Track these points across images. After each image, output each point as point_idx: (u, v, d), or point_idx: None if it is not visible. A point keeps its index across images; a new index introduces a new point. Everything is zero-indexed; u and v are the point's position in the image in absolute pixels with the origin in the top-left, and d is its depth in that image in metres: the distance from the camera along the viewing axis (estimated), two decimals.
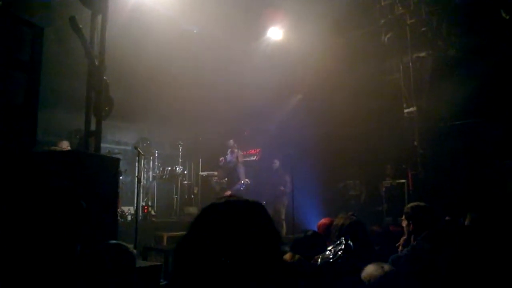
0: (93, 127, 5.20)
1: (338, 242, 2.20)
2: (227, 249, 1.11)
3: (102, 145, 5.73)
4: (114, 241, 2.29)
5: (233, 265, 1.09)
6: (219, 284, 1.09)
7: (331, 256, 2.15)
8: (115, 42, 6.30)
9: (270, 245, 1.17)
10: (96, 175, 4.07)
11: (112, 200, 4.34)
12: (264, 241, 1.16)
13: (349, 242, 2.12)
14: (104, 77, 5.31)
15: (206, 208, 1.23)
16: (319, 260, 2.20)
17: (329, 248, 2.22)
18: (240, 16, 8.51)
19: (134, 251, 2.34)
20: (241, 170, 9.28)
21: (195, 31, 8.89)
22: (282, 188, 9.12)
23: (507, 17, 7.02)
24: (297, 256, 2.49)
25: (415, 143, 7.97)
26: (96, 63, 5.23)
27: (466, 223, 2.62)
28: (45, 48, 4.94)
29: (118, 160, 4.81)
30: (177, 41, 8.51)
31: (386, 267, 2.56)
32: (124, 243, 2.31)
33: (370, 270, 2.55)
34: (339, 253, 2.12)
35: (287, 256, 2.52)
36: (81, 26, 5.11)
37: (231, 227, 1.15)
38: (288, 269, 2.35)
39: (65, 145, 7.81)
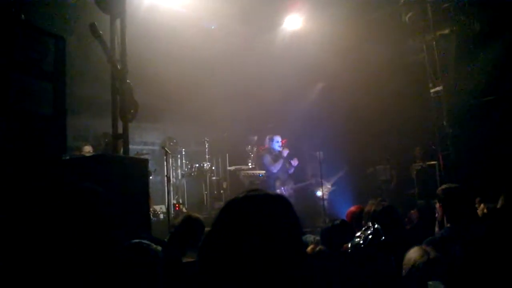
0: (120, 130, 5.31)
1: (366, 227, 2.18)
2: (246, 245, 1.12)
3: (131, 146, 5.83)
4: (136, 240, 2.30)
5: (253, 261, 1.10)
6: (240, 281, 1.10)
7: (361, 242, 2.14)
8: (135, 45, 6.39)
9: (290, 239, 1.17)
10: (126, 177, 4.15)
11: (144, 200, 4.42)
12: (284, 235, 1.16)
13: (376, 226, 2.09)
14: (128, 81, 5.40)
15: (227, 203, 1.24)
16: (349, 247, 2.20)
17: (358, 234, 2.21)
18: (258, 7, 8.47)
19: (159, 248, 2.35)
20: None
21: (212, 27, 8.91)
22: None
23: None
24: (317, 248, 2.49)
25: (444, 122, 7.80)
26: (119, 67, 5.31)
27: (499, 204, 2.55)
28: (68, 57, 5.05)
29: (146, 161, 4.90)
30: (195, 39, 8.56)
31: (432, 253, 2.49)
32: (146, 242, 2.31)
33: (414, 255, 2.48)
34: (369, 237, 2.10)
35: (309, 249, 2.52)
36: (101, 32, 5.20)
37: (249, 222, 1.15)
38: (310, 261, 2.35)
39: (87, 150, 7.95)
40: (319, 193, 9.26)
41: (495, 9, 7.84)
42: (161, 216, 8.44)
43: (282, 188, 8.49)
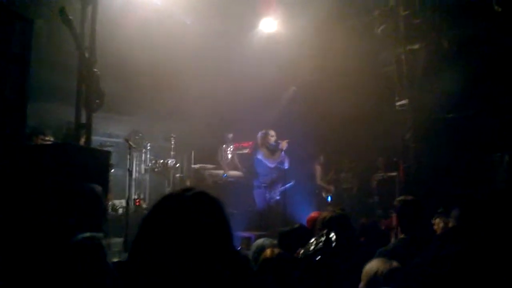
0: (84, 119, 5.20)
1: (320, 234, 2.22)
2: (169, 246, 1.12)
3: (95, 137, 5.72)
4: (82, 235, 2.26)
5: (177, 262, 1.10)
6: (167, 281, 1.09)
7: (312, 248, 2.17)
8: (107, 34, 6.28)
9: (215, 239, 1.17)
10: (86, 168, 4.05)
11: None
12: (209, 235, 1.16)
13: (330, 234, 2.13)
14: (95, 70, 5.29)
15: (160, 200, 1.25)
16: (301, 253, 2.23)
17: (311, 241, 2.25)
18: (235, 6, 8.47)
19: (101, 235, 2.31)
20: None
21: (188, 22, 8.83)
22: None
23: (499, 10, 7.02)
24: (277, 251, 2.50)
25: (407, 136, 7.98)
26: (87, 55, 5.21)
27: (452, 220, 2.67)
28: (35, 41, 4.92)
29: (108, 153, 4.81)
30: (170, 33, 8.46)
31: (394, 263, 2.54)
32: (94, 235, 2.28)
33: (376, 264, 2.53)
34: (320, 245, 2.14)
35: (268, 252, 2.54)
36: (71, 17, 5.08)
37: (175, 220, 1.16)
38: (268, 265, 2.36)
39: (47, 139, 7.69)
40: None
41: (464, 29, 8.10)
42: (120, 210, 8.29)
43: (269, 192, 8.33)
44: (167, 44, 8.54)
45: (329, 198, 9.52)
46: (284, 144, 8.22)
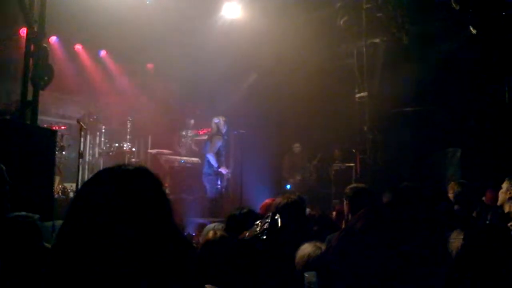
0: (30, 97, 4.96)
1: (266, 216, 2.19)
2: (108, 218, 1.04)
3: (45, 118, 5.45)
4: (16, 213, 2.15)
5: (114, 237, 1.03)
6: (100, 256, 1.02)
7: (258, 229, 2.14)
8: (64, 10, 6.01)
9: (155, 215, 1.10)
10: (29, 147, 3.85)
11: (47, 173, 4.13)
12: (148, 210, 1.09)
13: (276, 216, 2.10)
14: (44, 45, 5.05)
15: (93, 176, 1.17)
16: (246, 235, 2.19)
17: (257, 222, 2.21)
18: None
19: (36, 217, 2.20)
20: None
21: (147, 2, 8.55)
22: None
23: (457, 7, 7.17)
24: (219, 233, 2.45)
25: (365, 128, 8.07)
26: (35, 29, 4.95)
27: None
28: None
29: (54, 132, 4.60)
30: (129, 11, 8.18)
31: (324, 247, 2.54)
32: (30, 215, 2.16)
33: (307, 250, 2.53)
34: (265, 226, 2.11)
35: (210, 234, 2.49)
36: None
37: (110, 195, 1.07)
38: (209, 246, 2.31)
39: None
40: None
41: (424, 25, 8.25)
42: (71, 194, 7.99)
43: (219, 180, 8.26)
44: (125, 24, 8.25)
45: (289, 187, 9.58)
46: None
